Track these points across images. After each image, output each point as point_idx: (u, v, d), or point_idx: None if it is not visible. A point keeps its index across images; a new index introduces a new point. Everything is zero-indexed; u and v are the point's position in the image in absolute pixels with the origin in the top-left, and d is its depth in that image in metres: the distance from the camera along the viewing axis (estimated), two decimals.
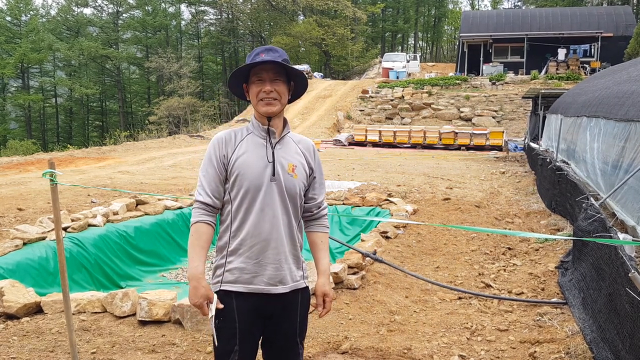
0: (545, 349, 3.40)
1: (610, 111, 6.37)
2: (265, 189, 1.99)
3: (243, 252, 2.00)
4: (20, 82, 47.64)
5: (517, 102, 24.28)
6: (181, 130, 31.24)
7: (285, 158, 2.06)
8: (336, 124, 25.61)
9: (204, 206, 2.03)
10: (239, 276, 2.00)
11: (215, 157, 2.04)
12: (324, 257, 2.17)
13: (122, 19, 50.45)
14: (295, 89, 2.13)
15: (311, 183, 2.16)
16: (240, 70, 2.04)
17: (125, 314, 3.99)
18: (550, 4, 43.77)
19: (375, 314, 4.16)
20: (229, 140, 2.07)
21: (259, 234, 1.99)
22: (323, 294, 2.12)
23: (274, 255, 2.01)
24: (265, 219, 1.99)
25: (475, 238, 6.46)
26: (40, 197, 8.24)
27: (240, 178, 2.00)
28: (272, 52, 2.02)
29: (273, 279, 2.01)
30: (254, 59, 2.00)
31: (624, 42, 26.99)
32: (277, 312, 2.05)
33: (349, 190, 9.11)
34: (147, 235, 6.82)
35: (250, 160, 2.01)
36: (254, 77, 2.03)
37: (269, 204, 2.00)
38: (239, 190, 2.01)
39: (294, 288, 2.06)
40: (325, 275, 2.14)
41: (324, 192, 2.25)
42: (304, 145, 2.16)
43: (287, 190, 2.03)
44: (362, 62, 43.93)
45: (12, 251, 5.32)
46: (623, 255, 3.01)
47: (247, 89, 2.09)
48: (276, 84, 2.02)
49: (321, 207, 2.21)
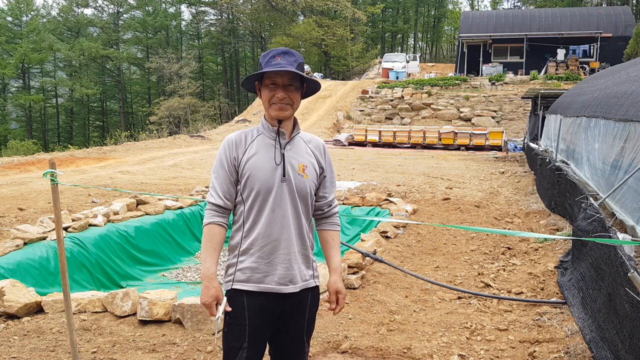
0: (545, 348, 3.41)
1: (609, 111, 6.38)
2: (276, 190, 2.01)
3: (255, 252, 2.02)
4: (21, 82, 47.67)
5: (516, 103, 24.30)
6: (181, 130, 31.28)
7: (296, 159, 2.07)
8: (336, 124, 25.61)
9: (216, 208, 2.05)
10: (250, 275, 2.01)
11: (226, 159, 2.05)
12: (335, 255, 2.19)
13: (122, 19, 50.48)
14: (306, 92, 2.13)
15: (322, 182, 2.17)
16: (257, 75, 2.04)
17: (125, 314, 4.00)
18: (550, 5, 43.76)
19: (375, 314, 4.17)
20: (239, 142, 2.07)
21: (270, 234, 2.01)
22: (336, 291, 2.14)
23: (285, 255, 2.02)
24: (276, 220, 2.01)
25: (475, 238, 6.47)
26: (41, 197, 8.25)
27: (251, 179, 2.01)
28: (288, 56, 2.01)
29: (284, 279, 2.02)
30: (269, 62, 1.99)
31: (624, 42, 27.02)
32: (287, 311, 2.06)
33: (348, 190, 9.12)
34: (148, 235, 6.83)
35: (260, 162, 2.02)
36: (268, 81, 2.01)
37: (280, 205, 2.01)
38: (250, 191, 2.02)
39: (303, 287, 2.08)
40: (337, 272, 2.16)
41: (335, 191, 2.27)
42: (314, 145, 2.17)
43: (298, 190, 2.05)
44: (361, 62, 43.91)
45: (13, 251, 5.33)
46: (622, 255, 3.01)
47: (259, 88, 2.08)
48: (289, 90, 2.01)
49: (332, 206, 2.23)
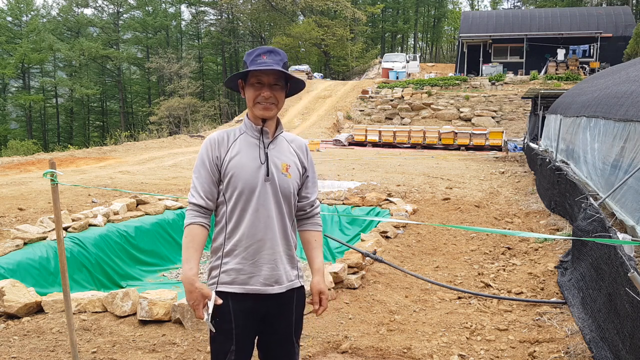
0: (545, 348, 3.41)
1: (609, 111, 6.38)
2: (260, 189, 1.99)
3: (239, 253, 1.99)
4: (21, 82, 47.65)
5: (516, 103, 24.29)
6: (181, 130, 31.27)
7: (280, 158, 2.06)
8: (336, 124, 25.61)
9: (198, 208, 2.02)
10: (235, 277, 1.99)
11: (208, 158, 2.02)
12: (318, 256, 2.17)
13: (122, 19, 50.45)
14: (290, 90, 2.11)
15: (304, 182, 2.16)
16: (241, 73, 2.02)
17: (125, 314, 4.00)
18: (550, 5, 43.75)
19: (375, 314, 4.17)
20: (221, 142, 2.04)
21: (254, 235, 1.99)
22: (319, 291, 2.12)
23: (270, 255, 2.00)
24: (260, 220, 1.99)
25: (475, 238, 6.47)
26: (41, 197, 8.25)
27: (234, 179, 1.99)
28: (274, 55, 1.99)
29: (269, 279, 2.00)
30: (255, 60, 1.98)
31: (623, 42, 27.01)
32: (273, 312, 2.05)
33: (348, 190, 9.12)
34: (148, 235, 6.83)
35: (243, 161, 2.00)
36: (253, 79, 1.99)
37: (264, 205, 1.99)
38: (233, 191, 1.99)
39: (289, 287, 2.06)
40: (320, 273, 2.14)
41: (317, 191, 2.25)
42: (296, 145, 2.15)
43: (282, 190, 2.03)
44: (361, 62, 43.90)
45: (13, 251, 5.33)
46: (622, 255, 3.01)
47: (243, 86, 2.05)
48: (275, 89, 2.00)
49: (314, 206, 2.21)
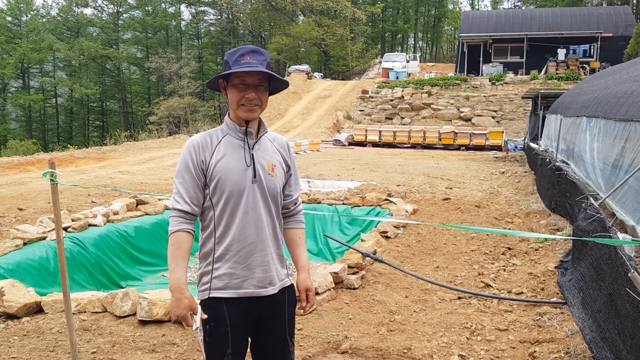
0: (545, 348, 3.41)
1: (609, 111, 6.37)
2: (248, 191, 1.97)
3: (230, 258, 1.97)
4: (20, 82, 47.66)
5: (516, 102, 24.29)
6: (181, 130, 31.28)
7: (265, 158, 2.04)
8: (336, 124, 25.61)
9: (183, 214, 1.96)
10: (228, 282, 1.97)
11: (193, 162, 1.96)
12: (302, 253, 2.17)
13: (122, 19, 50.46)
14: (272, 89, 2.08)
15: (287, 180, 2.15)
16: (225, 74, 1.97)
17: (125, 314, 4.00)
18: (550, 4, 43.74)
19: (375, 314, 4.16)
20: (205, 145, 1.99)
21: (245, 238, 1.97)
22: (306, 288, 2.11)
23: (261, 257, 1.99)
24: (250, 222, 1.97)
25: (475, 238, 6.46)
26: (40, 197, 8.24)
27: (221, 183, 1.95)
28: (257, 55, 1.95)
29: (262, 281, 2.00)
30: (238, 61, 1.93)
31: (624, 42, 27.01)
32: (266, 313, 2.04)
33: (348, 190, 9.12)
34: (148, 235, 6.83)
35: (230, 164, 1.96)
36: (237, 80, 1.94)
37: (253, 207, 1.97)
38: (221, 195, 1.96)
39: (281, 287, 2.06)
40: (305, 270, 2.14)
41: (300, 189, 2.25)
42: (279, 143, 2.14)
43: (269, 190, 2.01)
44: (361, 62, 43.88)
45: (13, 251, 5.33)
46: (623, 255, 3.01)
47: (225, 86, 2.01)
48: (259, 90, 1.96)
49: (297, 204, 2.21)
